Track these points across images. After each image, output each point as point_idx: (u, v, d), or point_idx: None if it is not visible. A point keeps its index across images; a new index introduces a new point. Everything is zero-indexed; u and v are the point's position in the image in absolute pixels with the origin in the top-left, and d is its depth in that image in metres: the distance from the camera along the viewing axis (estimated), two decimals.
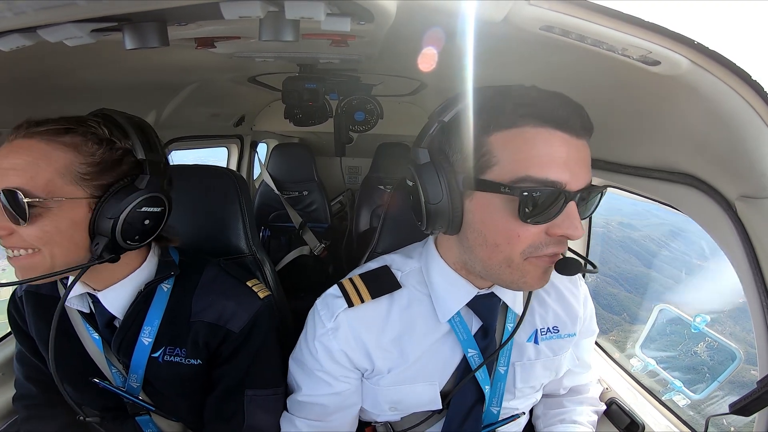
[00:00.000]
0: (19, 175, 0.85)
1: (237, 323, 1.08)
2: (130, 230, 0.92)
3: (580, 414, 1.24)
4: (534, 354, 1.09)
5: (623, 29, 0.67)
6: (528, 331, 1.09)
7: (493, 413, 1.09)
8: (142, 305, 1.05)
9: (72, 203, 0.89)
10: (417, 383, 1.04)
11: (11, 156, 0.86)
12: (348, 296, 1.03)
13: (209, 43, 1.04)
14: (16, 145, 0.87)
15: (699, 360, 2.39)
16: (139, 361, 1.06)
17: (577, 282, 1.18)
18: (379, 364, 1.03)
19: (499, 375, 1.07)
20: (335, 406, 1.07)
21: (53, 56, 0.97)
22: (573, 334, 1.13)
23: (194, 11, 0.70)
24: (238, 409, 1.10)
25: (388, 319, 1.03)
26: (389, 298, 1.04)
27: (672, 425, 1.29)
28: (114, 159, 0.94)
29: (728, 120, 0.76)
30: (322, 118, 2.05)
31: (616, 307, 3.73)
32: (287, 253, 2.90)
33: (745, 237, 0.85)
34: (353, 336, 1.02)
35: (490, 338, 1.03)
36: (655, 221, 4.55)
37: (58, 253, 0.90)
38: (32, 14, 0.52)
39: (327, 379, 1.05)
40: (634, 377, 1.48)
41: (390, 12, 0.75)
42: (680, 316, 1.92)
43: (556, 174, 0.77)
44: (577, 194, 0.79)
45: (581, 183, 0.80)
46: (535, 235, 0.81)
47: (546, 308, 1.11)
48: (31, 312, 1.11)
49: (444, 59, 1.00)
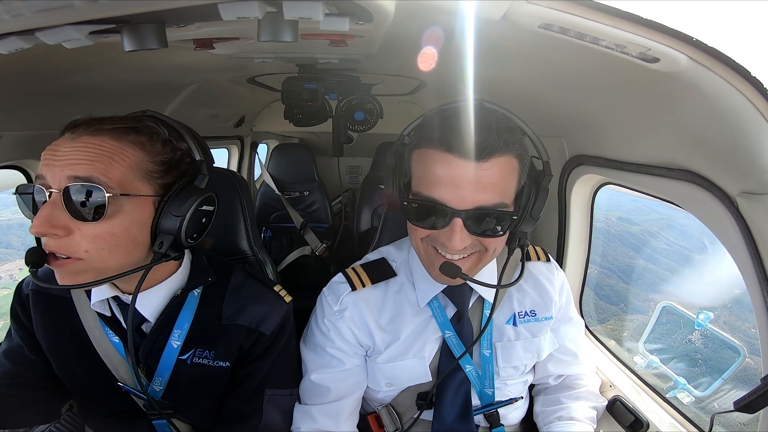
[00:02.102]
0: (93, 167, 0.83)
1: (269, 326, 1.11)
2: (191, 228, 0.94)
3: (576, 410, 1.25)
4: (513, 335, 1.21)
5: (622, 26, 0.67)
6: (507, 314, 1.22)
7: (487, 394, 1.20)
8: (174, 309, 1.06)
9: (141, 201, 0.89)
10: (407, 358, 1.17)
11: (81, 150, 0.84)
12: (351, 281, 1.19)
13: (208, 44, 1.03)
14: (84, 141, 0.85)
15: (702, 356, 2.38)
16: (166, 364, 1.07)
17: (554, 270, 1.30)
18: (377, 342, 1.17)
19: (485, 357, 1.19)
20: (344, 387, 1.16)
21: (52, 58, 0.97)
22: (550, 317, 1.25)
23: (192, 12, 0.70)
24: (257, 408, 1.12)
25: (384, 302, 1.19)
26: (385, 284, 1.20)
27: (676, 423, 1.28)
28: (176, 159, 0.96)
29: (728, 117, 0.75)
30: (322, 118, 2.05)
31: (614, 297, 3.83)
32: (289, 254, 2.90)
33: (747, 233, 0.84)
34: (357, 315, 1.16)
35: (464, 322, 1.16)
36: (655, 216, 4.59)
37: (115, 255, 0.88)
38: (30, 17, 0.52)
39: (338, 356, 1.16)
40: (637, 374, 1.48)
41: (389, 11, 0.75)
42: (683, 313, 1.91)
43: (440, 193, 0.92)
44: (462, 213, 0.91)
45: (467, 204, 0.91)
46: (429, 232, 0.98)
47: (523, 293, 1.24)
48: (39, 311, 1.10)
49: (443, 58, 1.00)
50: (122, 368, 1.08)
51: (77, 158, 0.83)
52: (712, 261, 2.41)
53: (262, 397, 1.12)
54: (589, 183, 1.55)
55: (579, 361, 1.35)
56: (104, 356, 1.07)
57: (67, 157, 0.83)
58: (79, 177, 0.82)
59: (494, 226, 0.95)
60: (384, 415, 1.23)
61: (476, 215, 0.92)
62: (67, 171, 0.82)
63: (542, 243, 1.80)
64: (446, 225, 0.93)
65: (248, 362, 1.12)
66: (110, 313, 1.06)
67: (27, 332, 1.12)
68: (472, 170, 0.90)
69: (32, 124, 1.31)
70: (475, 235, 0.95)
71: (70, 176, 0.82)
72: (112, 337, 1.06)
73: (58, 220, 0.82)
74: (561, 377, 1.36)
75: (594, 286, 3.47)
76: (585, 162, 1.43)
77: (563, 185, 1.59)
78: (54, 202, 0.82)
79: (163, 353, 1.06)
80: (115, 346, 1.07)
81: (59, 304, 1.08)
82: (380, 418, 1.24)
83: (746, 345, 1.70)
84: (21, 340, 1.13)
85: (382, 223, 1.36)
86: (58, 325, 1.08)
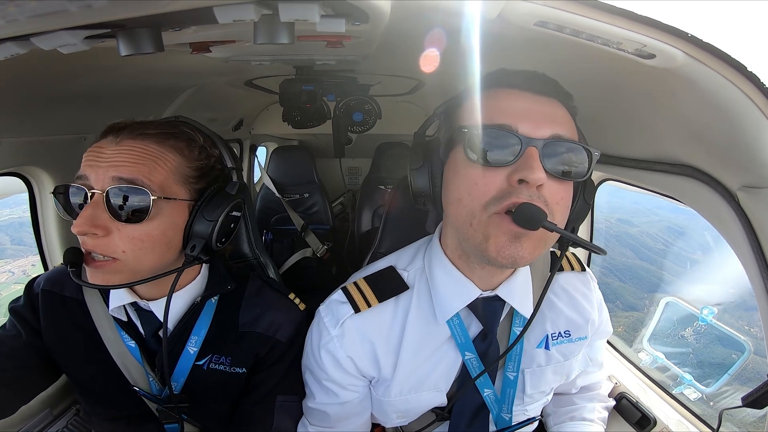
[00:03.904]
0: (137, 170, 0.86)
1: (284, 333, 1.12)
2: (222, 233, 0.97)
3: (590, 411, 1.23)
4: (545, 360, 1.05)
5: (617, 23, 0.67)
6: (539, 336, 1.04)
7: (504, 419, 1.06)
8: (192, 316, 1.07)
9: (178, 205, 0.92)
10: (423, 391, 1.01)
11: (125, 153, 0.87)
12: (354, 301, 1.00)
13: (204, 47, 1.03)
14: (128, 144, 0.88)
15: (707, 352, 2.38)
16: (183, 369, 1.08)
17: (590, 285, 1.14)
18: (385, 372, 1.00)
19: (508, 381, 1.03)
20: (344, 414, 1.07)
21: (49, 64, 0.97)
22: (585, 338, 1.09)
23: (188, 16, 0.70)
24: (268, 414, 1.12)
25: (393, 323, 1.00)
26: (395, 301, 1.01)
27: (684, 419, 1.27)
28: (210, 165, 0.99)
29: (726, 111, 0.75)
30: (321, 119, 2.05)
31: (610, 295, 3.94)
32: (290, 256, 2.91)
33: (748, 227, 0.84)
34: (360, 342, 0.99)
35: (489, 342, 0.99)
36: (654, 218, 4.66)
37: (150, 257, 0.90)
38: (24, 22, 0.52)
39: (333, 389, 1.03)
40: (643, 371, 1.47)
41: (384, 12, 0.75)
42: (687, 308, 1.90)
43: (509, 119, 0.79)
44: (539, 142, 0.77)
45: (543, 133, 0.79)
46: (493, 183, 0.79)
47: (557, 313, 1.07)
48: (50, 311, 1.10)
49: (441, 57, 1.00)
50: (135, 371, 1.08)
51: (122, 160, 0.86)
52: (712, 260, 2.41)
53: (274, 404, 1.13)
54: None
55: (602, 370, 1.32)
56: (117, 358, 1.07)
57: (112, 159, 0.86)
58: (124, 179, 0.85)
59: (574, 164, 0.81)
60: (390, 430, 1.18)
61: (554, 146, 0.79)
62: (112, 172, 0.85)
63: None
64: (518, 156, 0.77)
65: (263, 369, 1.13)
66: (126, 318, 1.07)
67: (30, 330, 1.11)
68: (544, 103, 0.82)
69: (30, 130, 1.32)
70: (552, 177, 0.79)
71: (115, 177, 0.85)
72: (128, 341, 1.07)
73: (99, 220, 0.84)
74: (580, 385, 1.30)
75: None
76: None
77: None
78: (96, 202, 0.84)
79: (180, 359, 1.07)
80: (131, 350, 1.07)
81: (72, 306, 1.09)
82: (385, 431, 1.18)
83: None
84: (21, 332, 1.10)
85: (383, 224, 1.35)
86: (70, 326, 1.09)
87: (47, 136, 1.39)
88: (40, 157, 1.40)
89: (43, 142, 1.39)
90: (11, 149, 1.29)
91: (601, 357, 1.30)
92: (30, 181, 1.47)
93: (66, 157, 1.47)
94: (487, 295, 0.96)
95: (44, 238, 1.56)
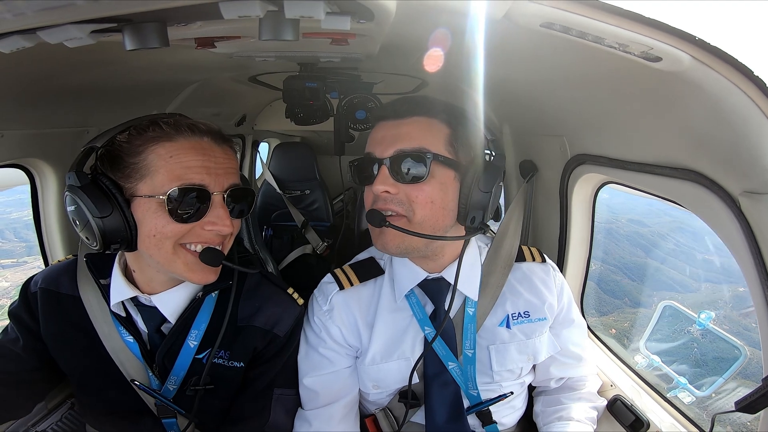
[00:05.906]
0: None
1: (283, 327, 1.14)
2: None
3: (577, 411, 1.25)
4: (508, 337, 1.21)
5: (624, 25, 0.66)
6: (500, 316, 1.21)
7: (473, 395, 1.19)
8: (192, 310, 1.09)
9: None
10: (392, 360, 1.18)
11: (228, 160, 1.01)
12: (339, 280, 1.22)
13: (209, 43, 1.03)
14: (206, 144, 0.98)
15: (703, 356, 2.38)
16: (183, 363, 1.09)
17: (550, 271, 1.29)
18: (364, 342, 1.18)
19: (467, 357, 1.17)
20: (334, 390, 1.17)
21: (54, 57, 0.97)
22: (544, 318, 1.24)
23: (194, 11, 0.70)
24: (265, 407, 1.14)
25: (371, 300, 1.21)
26: (374, 282, 1.23)
27: (677, 423, 1.28)
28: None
29: (731, 116, 0.75)
30: (323, 117, 2.04)
31: (618, 292, 3.97)
32: (290, 252, 2.91)
33: (749, 232, 0.84)
34: (346, 314, 1.19)
35: (441, 319, 1.15)
36: (666, 219, 4.70)
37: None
38: (32, 15, 0.52)
39: (329, 356, 1.18)
40: (638, 374, 1.48)
41: (390, 10, 0.74)
42: (684, 312, 1.91)
43: (371, 147, 1.10)
44: (387, 160, 1.04)
45: (389, 152, 1.04)
46: (368, 195, 1.11)
47: (517, 295, 1.23)
48: (48, 309, 1.11)
49: (445, 57, 1.00)
50: (131, 366, 1.09)
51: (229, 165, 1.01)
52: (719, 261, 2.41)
53: (271, 397, 1.15)
54: (591, 182, 1.55)
55: (582, 364, 1.35)
56: (112, 353, 1.08)
57: (224, 166, 1.00)
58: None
59: (416, 168, 1.02)
60: (381, 418, 1.24)
61: (397, 160, 1.02)
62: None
63: (543, 242, 1.80)
64: (375, 174, 1.05)
65: (261, 363, 1.15)
66: (125, 314, 1.08)
67: (28, 331, 1.13)
68: (400, 126, 1.05)
69: (34, 123, 1.32)
70: (405, 183, 1.03)
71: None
72: (126, 336, 1.08)
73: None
74: (562, 379, 1.35)
75: (599, 281, 3.54)
76: (587, 161, 1.43)
77: (564, 184, 1.59)
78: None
79: (180, 353, 1.09)
80: (129, 345, 1.08)
81: (68, 303, 1.10)
82: (377, 421, 1.24)
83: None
84: (19, 336, 1.13)
85: None
86: (66, 323, 1.10)
87: (50, 128, 1.39)
88: (43, 150, 1.40)
89: (46, 135, 1.39)
90: (15, 141, 1.29)
91: (579, 350, 1.34)
92: (32, 172, 1.48)
93: (68, 149, 1.47)
94: (434, 277, 1.18)
95: (44, 229, 1.56)
